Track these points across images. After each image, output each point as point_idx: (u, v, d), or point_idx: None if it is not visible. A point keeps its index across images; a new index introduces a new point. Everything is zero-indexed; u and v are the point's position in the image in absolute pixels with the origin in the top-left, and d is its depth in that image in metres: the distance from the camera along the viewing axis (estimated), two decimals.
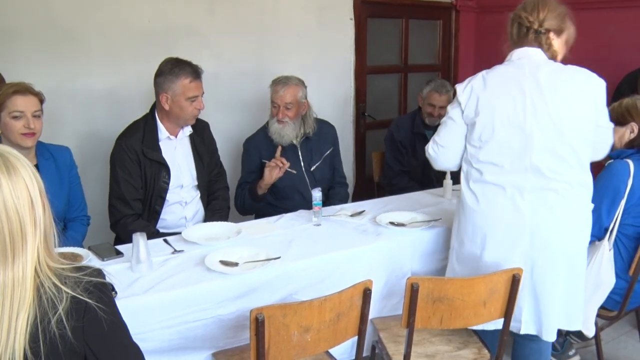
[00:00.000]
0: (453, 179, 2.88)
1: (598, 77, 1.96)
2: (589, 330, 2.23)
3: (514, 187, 1.94)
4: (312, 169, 2.97)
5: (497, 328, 2.01)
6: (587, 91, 1.93)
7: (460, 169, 2.11)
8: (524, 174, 1.93)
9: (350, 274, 2.08)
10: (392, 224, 2.39)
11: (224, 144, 3.23)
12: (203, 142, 2.72)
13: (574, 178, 1.93)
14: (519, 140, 1.92)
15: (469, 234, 2.05)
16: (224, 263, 1.98)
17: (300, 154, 2.94)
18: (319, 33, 3.89)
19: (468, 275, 2.04)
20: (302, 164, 2.94)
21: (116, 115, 3.06)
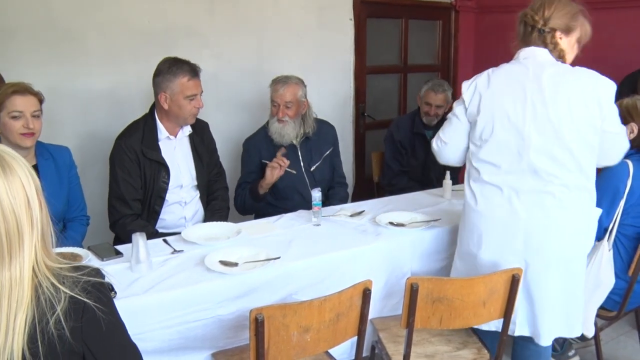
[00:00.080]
0: (453, 179, 2.89)
1: (607, 80, 1.90)
2: (588, 330, 2.23)
3: (510, 188, 1.94)
4: (312, 169, 2.97)
5: (491, 329, 2.02)
6: (592, 95, 1.86)
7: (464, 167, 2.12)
8: (521, 175, 1.92)
9: (350, 274, 2.09)
10: (391, 224, 2.39)
11: (223, 144, 3.23)
12: (202, 142, 2.72)
13: (573, 182, 1.90)
14: (516, 141, 1.90)
15: (467, 232, 2.06)
16: (224, 263, 1.98)
17: (300, 154, 2.94)
18: (318, 33, 3.89)
19: (469, 272, 2.06)
20: (302, 164, 2.94)
21: (116, 115, 3.06)
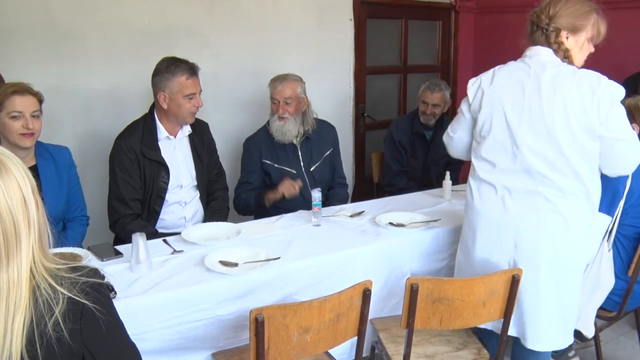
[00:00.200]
0: (452, 179, 2.89)
1: (612, 84, 1.82)
2: (588, 331, 2.23)
3: (504, 187, 1.94)
4: (312, 169, 2.97)
5: (487, 328, 2.03)
6: (591, 99, 1.80)
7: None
8: (515, 175, 1.92)
9: (350, 274, 2.09)
10: (391, 224, 2.39)
11: (223, 144, 3.23)
12: (202, 142, 2.72)
13: (568, 187, 1.86)
14: (511, 140, 1.90)
15: (466, 226, 2.09)
16: (224, 263, 1.98)
17: (300, 153, 2.94)
18: (318, 33, 3.89)
19: (467, 267, 2.09)
20: (302, 163, 2.94)
21: (115, 115, 3.06)
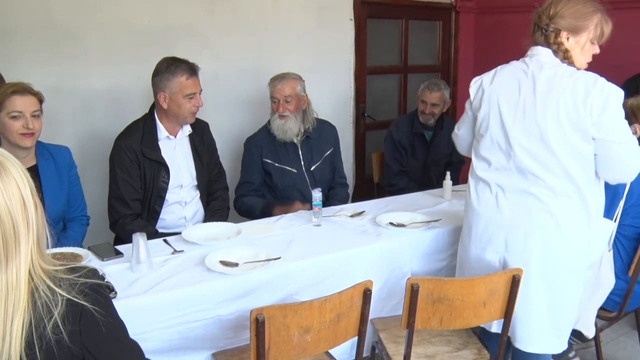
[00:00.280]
0: (453, 179, 2.89)
1: (610, 86, 1.78)
2: (589, 331, 2.22)
3: (497, 186, 1.96)
4: (312, 168, 2.97)
5: (485, 327, 2.04)
6: (584, 100, 1.77)
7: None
8: (508, 173, 1.93)
9: (350, 274, 2.09)
10: (392, 224, 2.39)
11: (224, 144, 3.23)
12: (203, 142, 2.72)
13: (560, 188, 1.85)
14: (505, 139, 1.92)
15: (465, 223, 2.11)
16: (224, 263, 1.98)
17: (300, 152, 2.94)
18: (318, 33, 3.89)
19: (465, 262, 2.11)
20: (303, 163, 2.94)
21: (116, 115, 3.06)
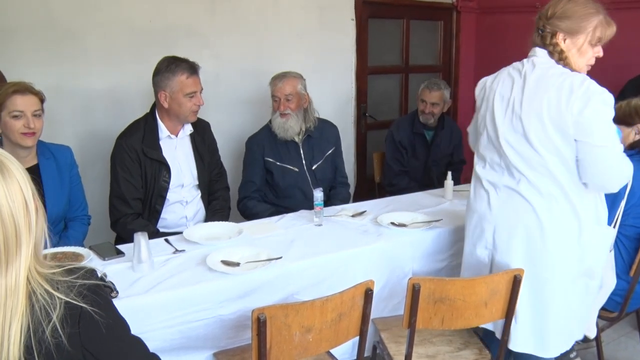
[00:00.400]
0: (454, 179, 2.89)
1: (596, 87, 1.75)
2: (590, 331, 2.22)
3: (489, 183, 1.98)
4: (314, 167, 2.97)
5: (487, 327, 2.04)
6: (567, 98, 1.75)
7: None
8: (500, 171, 1.95)
9: (352, 274, 2.09)
10: (393, 224, 2.39)
11: (225, 144, 3.23)
12: (204, 141, 2.72)
13: (544, 187, 1.85)
14: (496, 137, 1.93)
15: (466, 219, 2.13)
16: (226, 263, 1.98)
17: (301, 151, 2.94)
18: (320, 33, 3.89)
19: (462, 257, 2.13)
20: (304, 162, 2.94)
21: (116, 115, 3.06)
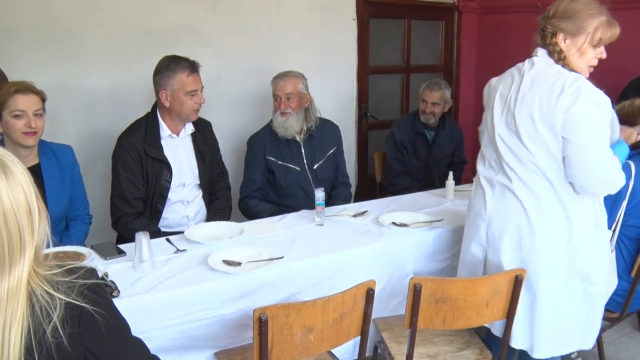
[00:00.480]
0: (455, 179, 2.89)
1: (588, 86, 1.74)
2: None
3: (487, 181, 2.00)
4: (315, 167, 2.97)
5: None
6: (557, 97, 1.75)
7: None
8: (497, 169, 1.96)
9: (353, 274, 2.09)
10: (394, 224, 2.39)
11: (226, 143, 3.23)
12: (205, 141, 2.72)
13: (535, 185, 1.86)
14: (492, 135, 1.95)
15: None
16: (227, 262, 1.98)
17: (303, 151, 2.94)
18: (321, 33, 3.88)
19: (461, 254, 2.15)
20: (305, 161, 2.94)
21: (118, 114, 3.06)
